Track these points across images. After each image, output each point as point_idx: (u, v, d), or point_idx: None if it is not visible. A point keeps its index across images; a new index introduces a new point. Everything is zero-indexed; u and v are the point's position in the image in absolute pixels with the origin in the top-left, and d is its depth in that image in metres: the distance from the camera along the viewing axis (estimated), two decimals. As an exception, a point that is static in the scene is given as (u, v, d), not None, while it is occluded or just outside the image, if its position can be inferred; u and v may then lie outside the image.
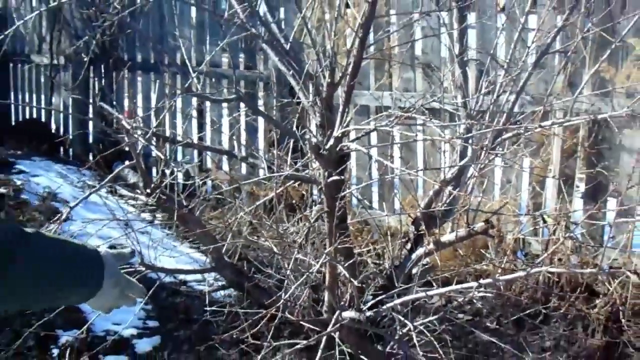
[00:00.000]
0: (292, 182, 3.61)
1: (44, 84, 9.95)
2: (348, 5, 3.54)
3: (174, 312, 5.29)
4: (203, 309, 4.37)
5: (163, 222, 6.56)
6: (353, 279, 2.92)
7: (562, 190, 5.18)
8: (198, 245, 5.97)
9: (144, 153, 3.38)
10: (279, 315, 2.91)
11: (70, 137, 9.30)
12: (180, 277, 5.51)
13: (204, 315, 4.26)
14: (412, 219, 3.50)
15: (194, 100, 7.34)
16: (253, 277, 3.43)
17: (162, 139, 3.52)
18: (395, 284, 3.19)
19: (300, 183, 4.49)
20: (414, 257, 3.37)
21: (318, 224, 3.39)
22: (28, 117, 10.38)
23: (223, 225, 3.58)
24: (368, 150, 3.31)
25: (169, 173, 3.41)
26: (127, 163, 3.21)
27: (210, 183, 6.89)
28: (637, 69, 4.87)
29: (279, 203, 3.47)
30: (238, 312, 3.47)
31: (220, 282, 4.50)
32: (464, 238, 3.32)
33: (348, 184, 3.63)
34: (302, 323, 3.17)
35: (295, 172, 3.26)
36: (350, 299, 3.14)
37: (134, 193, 7.80)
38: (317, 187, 3.28)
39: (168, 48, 8.10)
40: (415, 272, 3.35)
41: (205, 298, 3.69)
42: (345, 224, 3.30)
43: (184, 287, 5.54)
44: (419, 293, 3.08)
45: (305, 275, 2.98)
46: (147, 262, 3.04)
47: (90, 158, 8.65)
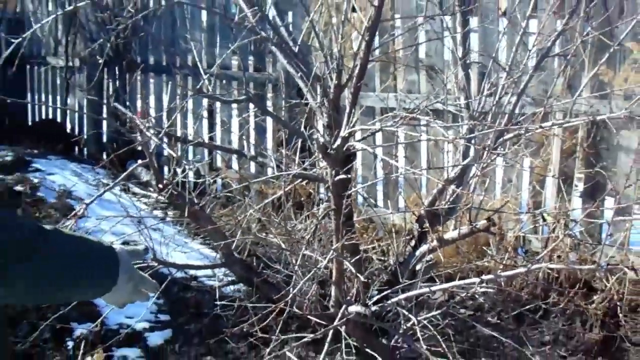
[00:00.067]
0: (300, 180, 3.61)
1: (60, 86, 9.97)
2: (354, 10, 3.53)
3: (185, 306, 5.30)
4: (213, 304, 4.37)
5: (174, 219, 6.54)
6: (359, 275, 2.91)
7: (561, 189, 5.18)
8: (208, 242, 5.98)
9: (156, 152, 3.38)
10: (287, 310, 2.90)
11: (85, 136, 9.33)
12: (191, 272, 5.51)
13: (214, 310, 4.27)
14: (416, 217, 3.49)
15: (205, 101, 7.34)
16: (262, 272, 3.42)
17: (174, 139, 3.52)
18: (400, 280, 3.19)
19: (308, 181, 4.49)
20: (418, 253, 3.36)
21: (325, 221, 3.38)
22: (44, 117, 10.41)
23: (233, 223, 3.57)
24: (374, 150, 3.30)
25: (181, 171, 3.39)
26: (140, 162, 3.19)
27: (220, 181, 6.88)
28: (634, 72, 4.87)
29: (287, 201, 3.46)
30: (247, 306, 3.47)
31: (230, 277, 4.49)
32: (467, 235, 3.30)
33: (354, 183, 3.63)
34: (309, 317, 3.17)
35: (303, 171, 3.25)
36: (356, 294, 3.13)
37: (147, 191, 7.80)
38: (324, 185, 3.28)
39: (179, 51, 8.11)
40: (419, 268, 3.34)
41: (215, 293, 3.69)
42: (352, 222, 3.29)
43: (195, 282, 5.54)
44: (423, 288, 3.08)
45: (313, 271, 2.98)
46: (159, 257, 3.04)
47: (104, 157, 8.69)
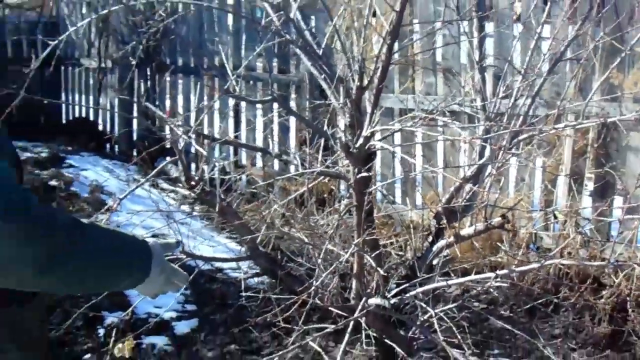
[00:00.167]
0: (322, 178, 3.60)
1: (93, 86, 10.02)
2: (374, 14, 3.52)
3: (211, 297, 5.30)
4: (238, 295, 4.37)
5: (201, 213, 6.56)
6: (379, 269, 2.90)
7: (572, 188, 5.15)
8: (234, 236, 5.98)
9: (185, 150, 3.38)
10: (310, 302, 2.89)
11: (116, 134, 9.36)
12: (217, 264, 5.51)
13: (239, 300, 4.27)
14: (433, 214, 3.48)
15: (230, 101, 7.35)
16: (285, 265, 3.42)
17: (202, 137, 3.52)
18: (418, 274, 3.17)
19: (330, 179, 4.48)
20: (435, 249, 3.34)
21: (345, 217, 3.37)
22: (78, 116, 10.47)
23: (258, 218, 3.57)
24: (394, 149, 3.29)
25: (209, 168, 3.40)
26: (169, 159, 3.20)
27: (245, 178, 6.89)
28: (643, 76, 4.83)
29: (310, 197, 3.46)
30: (271, 297, 3.46)
31: (254, 270, 4.51)
32: (482, 232, 3.29)
33: (374, 181, 3.61)
34: (330, 309, 3.16)
35: (326, 169, 3.24)
36: (376, 287, 3.12)
37: (175, 187, 7.81)
38: (346, 182, 3.26)
39: (207, 53, 8.12)
40: (436, 263, 3.33)
41: (240, 284, 3.69)
42: (372, 218, 3.28)
43: (220, 274, 5.55)
44: (440, 282, 3.06)
45: (335, 265, 2.97)
46: (187, 250, 3.04)
47: (135, 154, 8.72)
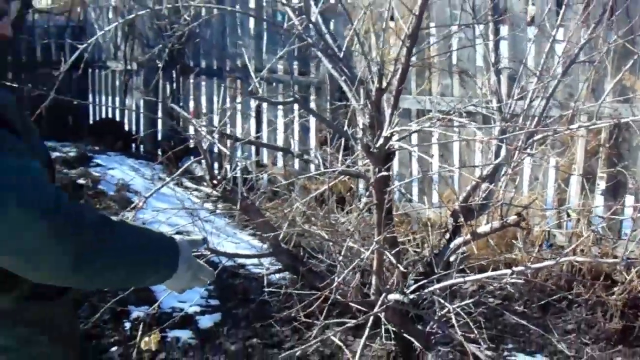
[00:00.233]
0: (342, 176, 3.59)
1: (119, 88, 10.04)
2: (392, 18, 3.52)
3: (234, 292, 5.30)
4: (260, 290, 4.37)
5: (224, 211, 6.56)
6: (399, 265, 2.90)
7: (585, 187, 5.12)
8: (256, 233, 5.98)
9: (208, 149, 3.39)
10: (332, 297, 2.89)
11: (142, 135, 9.38)
12: (239, 261, 5.51)
13: (261, 296, 4.27)
14: (451, 212, 3.47)
15: (252, 103, 7.35)
16: (306, 262, 3.42)
17: (226, 137, 3.52)
18: (435, 270, 3.17)
19: (349, 178, 4.47)
20: (453, 246, 3.34)
21: (364, 215, 3.37)
22: (104, 117, 10.49)
23: (280, 215, 3.57)
24: (413, 149, 3.28)
25: (232, 167, 3.39)
26: (193, 159, 3.21)
27: (266, 177, 6.89)
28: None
29: (331, 196, 3.45)
30: (292, 293, 3.46)
31: (276, 266, 4.50)
32: (498, 229, 3.28)
33: (392, 180, 3.60)
34: (351, 304, 3.16)
35: (346, 168, 3.24)
36: (395, 283, 3.11)
37: (198, 185, 7.82)
38: (366, 181, 3.26)
39: (229, 56, 8.12)
40: (454, 259, 3.32)
41: (261, 280, 3.69)
42: (391, 216, 3.27)
43: (243, 270, 5.54)
44: (458, 279, 3.05)
45: (357, 261, 2.96)
46: (211, 247, 3.04)
47: (159, 153, 8.74)
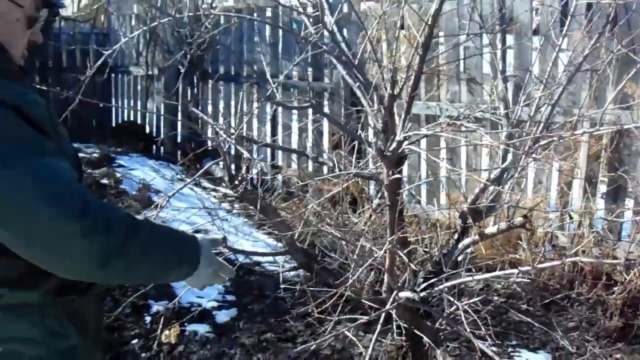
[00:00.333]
0: (355, 178, 3.59)
1: (140, 92, 10.07)
2: (402, 27, 3.51)
3: (249, 288, 5.30)
4: (275, 286, 4.37)
5: (241, 211, 6.56)
6: (411, 264, 2.89)
7: (587, 191, 5.11)
8: (271, 232, 5.98)
9: (227, 151, 3.39)
10: (346, 294, 2.89)
11: (162, 137, 9.40)
12: (255, 258, 5.51)
13: (277, 292, 4.26)
14: (459, 213, 3.46)
15: (268, 107, 7.36)
16: (320, 260, 3.41)
17: (245, 140, 3.52)
18: (444, 269, 3.16)
19: (361, 180, 4.47)
20: (461, 246, 3.32)
21: (376, 216, 3.37)
22: (126, 120, 10.52)
23: (295, 215, 3.57)
24: (426, 153, 3.28)
25: (246, 169, 3.39)
26: (215, 160, 3.21)
27: (281, 179, 6.89)
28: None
29: (344, 197, 3.45)
30: (306, 290, 3.46)
31: (290, 264, 4.50)
32: (505, 231, 3.27)
33: (404, 182, 3.60)
34: (363, 301, 3.16)
35: (360, 170, 3.23)
36: (406, 281, 3.10)
37: (216, 185, 7.83)
38: (377, 183, 3.25)
39: (246, 62, 8.14)
40: (462, 259, 3.31)
41: (276, 277, 3.68)
42: (403, 216, 3.27)
43: (258, 267, 5.55)
44: (466, 277, 3.04)
45: (370, 261, 2.95)
46: (229, 245, 3.04)
47: (179, 155, 8.76)
